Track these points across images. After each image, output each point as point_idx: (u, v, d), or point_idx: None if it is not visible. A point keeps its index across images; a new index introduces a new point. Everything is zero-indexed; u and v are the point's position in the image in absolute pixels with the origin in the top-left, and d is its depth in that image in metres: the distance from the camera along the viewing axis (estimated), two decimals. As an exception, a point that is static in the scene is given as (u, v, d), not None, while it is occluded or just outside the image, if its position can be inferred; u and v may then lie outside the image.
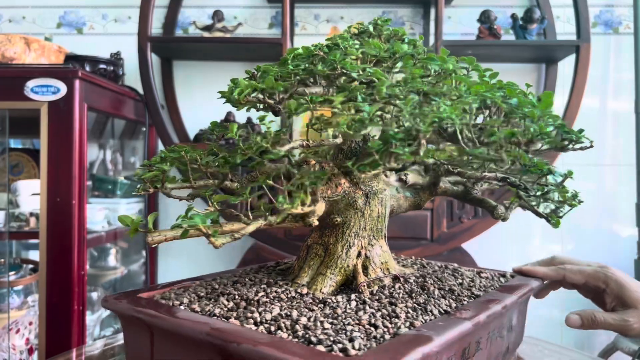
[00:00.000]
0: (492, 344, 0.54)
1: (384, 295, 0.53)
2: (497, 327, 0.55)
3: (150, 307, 0.50)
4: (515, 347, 0.64)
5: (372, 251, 0.58)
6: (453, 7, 1.87)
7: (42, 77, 1.29)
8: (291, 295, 0.53)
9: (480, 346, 0.50)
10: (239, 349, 0.38)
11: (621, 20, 1.88)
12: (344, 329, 0.43)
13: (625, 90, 1.86)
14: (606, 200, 1.86)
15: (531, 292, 0.64)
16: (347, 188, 0.57)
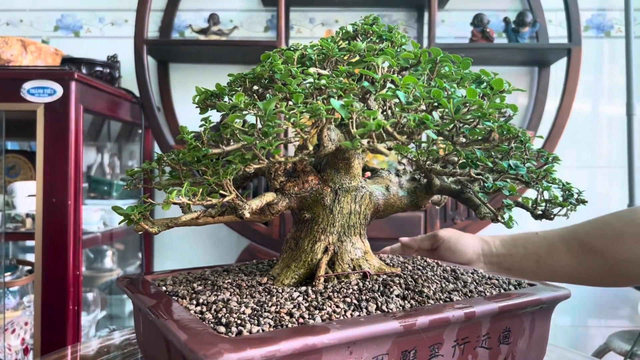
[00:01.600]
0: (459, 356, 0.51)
1: (336, 290, 0.53)
2: (464, 338, 0.51)
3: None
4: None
5: (342, 247, 0.58)
6: (446, 10, 1.89)
7: (38, 79, 1.30)
8: (250, 284, 0.55)
9: (416, 356, 0.48)
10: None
11: (613, 24, 1.90)
12: (260, 315, 0.45)
13: (617, 93, 1.88)
14: (599, 202, 1.88)
15: (539, 304, 0.55)
16: (314, 185, 0.58)
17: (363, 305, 0.49)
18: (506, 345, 0.55)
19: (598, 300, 1.89)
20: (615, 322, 1.89)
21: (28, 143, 1.91)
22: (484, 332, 0.53)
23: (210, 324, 0.44)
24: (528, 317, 0.56)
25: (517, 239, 0.85)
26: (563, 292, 0.58)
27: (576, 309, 1.89)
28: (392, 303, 0.50)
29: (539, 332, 0.58)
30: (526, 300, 0.55)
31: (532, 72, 1.89)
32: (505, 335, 0.55)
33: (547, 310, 0.58)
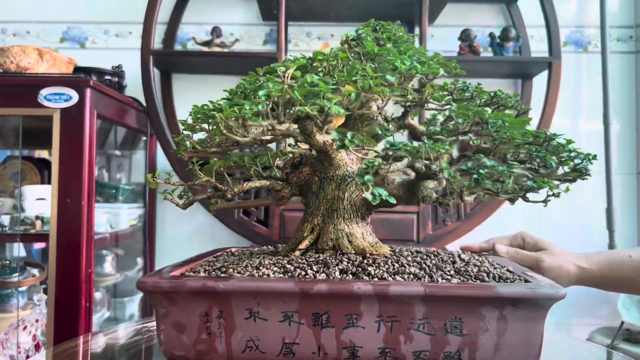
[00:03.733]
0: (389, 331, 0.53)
1: (304, 260, 0.62)
2: (390, 316, 0.53)
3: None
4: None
5: (324, 228, 0.66)
6: (435, 26, 2.01)
7: (55, 86, 1.37)
8: (263, 255, 0.68)
9: (329, 322, 0.53)
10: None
11: (590, 40, 2.04)
12: (247, 270, 0.59)
13: (594, 102, 2.01)
14: (579, 206, 1.99)
15: (494, 300, 0.51)
16: (307, 175, 0.68)
17: (307, 271, 0.57)
18: (458, 337, 0.52)
19: (580, 301, 1.99)
20: (596, 320, 1.99)
21: (33, 150, 1.97)
22: (419, 316, 0.52)
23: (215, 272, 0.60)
24: (492, 312, 0.51)
25: (612, 264, 0.84)
26: (543, 292, 0.51)
27: (560, 309, 1.99)
28: (333, 274, 0.56)
29: (518, 335, 0.51)
30: (468, 293, 0.52)
31: (516, 84, 2.01)
32: (454, 326, 0.52)
33: (529, 311, 0.51)
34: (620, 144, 2.01)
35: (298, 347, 0.54)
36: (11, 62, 1.39)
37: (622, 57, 2.03)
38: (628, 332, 1.75)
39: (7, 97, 1.39)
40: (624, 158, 2.01)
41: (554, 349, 0.93)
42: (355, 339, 0.53)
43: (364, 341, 0.53)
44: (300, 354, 0.54)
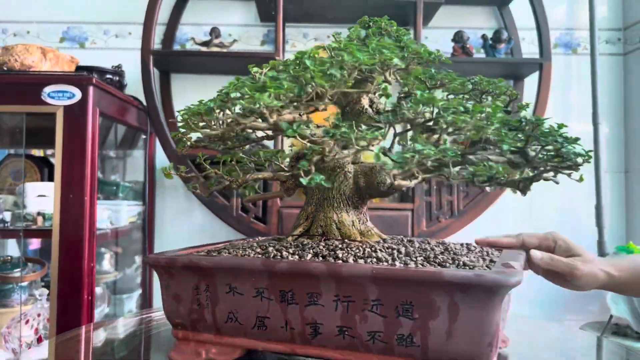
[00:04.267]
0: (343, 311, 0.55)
1: (292, 244, 0.67)
2: (346, 296, 0.55)
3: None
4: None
5: (316, 216, 0.71)
6: (429, 28, 2.06)
7: (58, 84, 1.40)
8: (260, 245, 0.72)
9: (294, 299, 0.57)
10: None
11: (579, 42, 2.10)
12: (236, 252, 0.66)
13: (584, 102, 2.06)
14: (569, 203, 2.04)
15: (443, 284, 0.51)
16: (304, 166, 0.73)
17: (283, 253, 0.62)
18: (410, 320, 0.53)
19: (571, 298, 2.04)
20: (587, 316, 2.04)
21: (29, 149, 1.99)
22: (372, 297, 0.54)
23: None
24: (443, 297, 0.51)
25: (637, 269, 0.83)
26: (489, 278, 0.49)
27: (552, 305, 2.03)
28: (305, 257, 0.60)
29: (470, 323, 0.50)
30: (413, 275, 0.52)
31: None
32: (406, 309, 0.52)
33: (480, 298, 0.50)
34: (609, 143, 2.07)
35: (269, 321, 0.59)
36: (15, 61, 1.42)
37: (611, 58, 2.09)
38: (617, 326, 1.80)
39: (12, 95, 1.42)
40: (612, 157, 2.07)
41: (546, 336, 0.98)
42: (316, 317, 0.56)
43: (324, 319, 0.56)
44: (271, 328, 0.59)
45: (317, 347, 0.57)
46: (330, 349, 0.57)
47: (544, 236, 0.81)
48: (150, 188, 1.92)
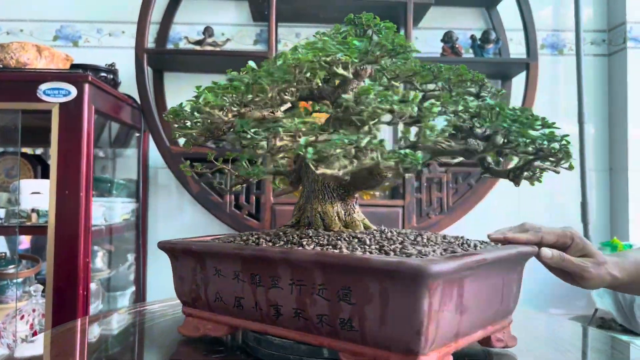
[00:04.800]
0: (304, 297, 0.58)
1: (280, 233, 0.71)
2: (299, 280, 0.58)
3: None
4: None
5: (306, 208, 0.75)
6: (419, 28, 2.10)
7: (54, 81, 1.42)
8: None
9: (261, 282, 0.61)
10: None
11: (565, 43, 2.15)
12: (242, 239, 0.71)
13: (570, 102, 2.12)
14: (555, 200, 2.09)
15: (372, 270, 0.52)
16: (300, 162, 0.76)
17: (261, 240, 0.67)
18: (349, 305, 0.54)
19: (557, 292, 2.08)
20: (573, 311, 2.09)
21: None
22: (318, 282, 0.56)
23: None
24: (375, 284, 0.52)
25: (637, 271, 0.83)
26: (407, 265, 0.49)
27: (540, 299, 2.08)
28: (278, 243, 0.65)
29: (399, 309, 0.50)
30: (347, 261, 0.53)
31: (496, 85, 2.11)
32: (345, 293, 0.54)
33: (406, 285, 0.50)
34: (594, 142, 2.12)
35: (244, 301, 0.65)
36: (11, 58, 1.43)
37: (596, 59, 2.14)
38: (602, 320, 1.85)
39: (7, 92, 1.43)
40: (597, 155, 2.12)
41: (533, 325, 1.01)
42: (277, 299, 0.61)
43: (284, 301, 0.60)
44: (246, 307, 0.65)
45: (281, 327, 0.62)
46: (292, 330, 0.60)
47: (562, 233, 0.78)
48: (144, 185, 1.93)
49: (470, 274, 0.55)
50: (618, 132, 2.07)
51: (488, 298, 0.61)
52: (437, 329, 0.51)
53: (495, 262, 0.60)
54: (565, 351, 0.77)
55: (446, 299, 0.52)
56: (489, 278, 0.60)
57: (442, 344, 0.53)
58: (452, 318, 0.54)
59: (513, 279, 0.67)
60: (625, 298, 1.68)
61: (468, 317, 0.56)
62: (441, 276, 0.49)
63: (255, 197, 1.82)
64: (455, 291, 0.53)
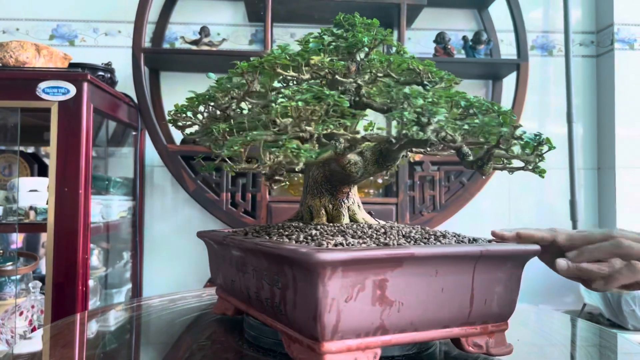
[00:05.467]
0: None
1: (279, 225, 0.73)
2: (254, 267, 0.64)
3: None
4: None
5: (302, 201, 0.79)
6: (412, 29, 2.13)
7: (53, 80, 1.44)
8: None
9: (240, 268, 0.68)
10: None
11: (555, 44, 2.19)
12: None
13: (559, 102, 2.16)
14: (545, 198, 2.14)
15: (282, 258, 0.55)
16: None
17: (253, 232, 0.72)
18: (278, 290, 0.57)
19: (547, 289, 2.13)
20: (562, 307, 2.13)
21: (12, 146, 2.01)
22: (264, 268, 0.60)
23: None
24: (290, 271, 0.55)
25: None
26: (299, 254, 0.51)
27: (528, 294, 2.12)
28: (263, 236, 0.68)
29: (304, 296, 0.53)
30: (272, 250, 0.56)
31: (487, 85, 2.15)
32: (275, 280, 0.57)
33: (305, 273, 0.52)
34: (583, 141, 2.17)
35: (236, 284, 0.71)
36: (10, 57, 1.45)
37: (584, 60, 2.19)
38: (590, 315, 1.89)
39: (7, 90, 1.45)
40: (586, 154, 2.17)
41: (523, 317, 1.05)
42: (248, 283, 0.67)
43: (250, 285, 0.66)
44: (237, 290, 0.71)
45: (253, 309, 0.68)
46: (257, 312, 0.66)
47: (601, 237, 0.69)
48: (140, 183, 1.95)
49: (393, 267, 0.54)
50: (606, 132, 2.12)
51: (441, 296, 0.58)
52: (340, 319, 0.52)
53: (440, 258, 0.57)
54: (554, 340, 0.80)
55: (351, 289, 0.52)
56: (437, 274, 0.57)
57: (355, 335, 0.54)
58: (365, 310, 0.54)
59: (493, 279, 0.61)
60: (612, 293, 1.73)
61: (402, 313, 0.56)
62: (330, 265, 0.50)
63: (252, 194, 1.84)
64: (368, 283, 0.53)
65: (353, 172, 0.71)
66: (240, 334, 0.75)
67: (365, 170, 0.72)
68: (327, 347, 0.52)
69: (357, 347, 0.54)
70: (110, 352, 0.74)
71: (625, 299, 1.70)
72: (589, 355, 0.75)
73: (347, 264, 0.52)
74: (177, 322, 0.87)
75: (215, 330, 0.79)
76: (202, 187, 1.84)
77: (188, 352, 0.70)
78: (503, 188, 2.11)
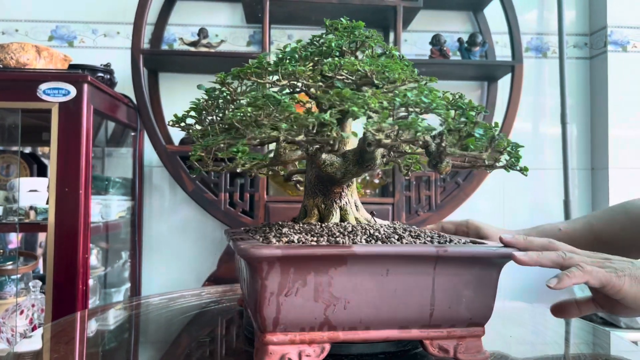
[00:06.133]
0: None
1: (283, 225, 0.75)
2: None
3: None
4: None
5: (303, 201, 0.80)
6: (409, 31, 2.16)
7: (54, 81, 1.45)
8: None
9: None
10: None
11: (549, 46, 2.22)
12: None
13: (553, 103, 2.19)
14: (539, 198, 2.16)
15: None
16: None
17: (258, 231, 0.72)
18: (244, 285, 0.70)
19: (540, 287, 2.15)
20: (556, 305, 2.16)
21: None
22: (242, 265, 0.69)
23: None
24: (244, 267, 0.63)
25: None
26: (239, 249, 0.56)
27: (522, 293, 2.15)
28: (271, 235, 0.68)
29: (251, 291, 0.58)
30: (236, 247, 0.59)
31: (482, 86, 2.17)
32: (244, 275, 0.67)
33: (249, 267, 0.57)
34: (576, 142, 2.20)
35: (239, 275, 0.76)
36: (11, 58, 1.46)
37: (578, 62, 2.22)
38: (583, 313, 1.92)
39: (8, 91, 1.46)
40: (580, 155, 2.20)
41: (517, 314, 1.07)
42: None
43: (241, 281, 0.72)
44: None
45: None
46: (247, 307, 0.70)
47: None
48: (139, 184, 1.97)
49: (337, 265, 0.56)
50: (599, 132, 2.15)
51: (394, 297, 0.58)
52: (280, 312, 0.55)
53: (390, 258, 0.57)
54: (547, 338, 0.82)
55: (292, 285, 0.55)
56: (389, 274, 0.57)
57: (299, 329, 0.56)
58: (307, 305, 0.56)
59: (458, 282, 0.59)
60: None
61: (349, 311, 0.57)
62: (266, 260, 0.54)
63: (250, 194, 1.86)
64: (310, 279, 0.55)
65: (330, 172, 0.72)
66: (239, 332, 0.77)
67: (347, 171, 0.73)
68: (269, 338, 0.56)
69: (301, 341, 0.56)
70: (110, 350, 0.76)
71: (617, 297, 1.73)
72: (582, 353, 0.77)
73: (284, 260, 0.54)
74: (177, 320, 0.89)
75: (214, 328, 0.81)
76: (200, 187, 1.86)
77: (187, 350, 0.72)
78: (498, 188, 2.14)
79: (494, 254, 0.61)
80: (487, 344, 0.70)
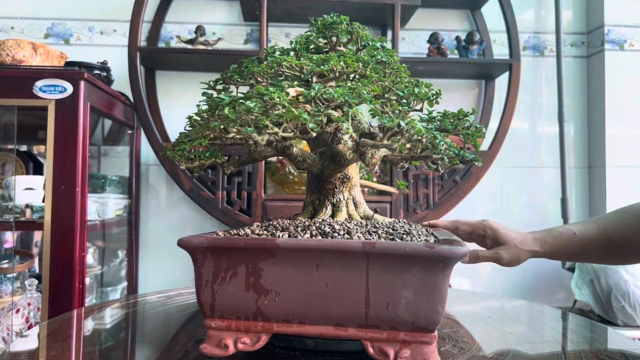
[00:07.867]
0: None
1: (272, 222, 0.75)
2: None
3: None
4: None
5: (306, 197, 0.81)
6: (406, 30, 2.15)
7: (50, 78, 1.44)
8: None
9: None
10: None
11: (546, 45, 2.22)
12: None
13: (550, 102, 2.19)
14: (537, 196, 2.17)
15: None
16: None
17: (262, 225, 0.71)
18: None
19: (537, 285, 2.16)
20: (553, 302, 2.16)
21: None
22: None
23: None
24: None
25: (562, 243, 0.93)
26: (182, 240, 0.63)
27: (520, 291, 2.15)
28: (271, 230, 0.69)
29: (196, 279, 0.64)
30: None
31: (480, 84, 2.17)
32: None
33: (193, 258, 0.64)
34: (574, 140, 2.20)
35: None
36: (7, 55, 1.45)
37: (575, 61, 2.22)
38: (580, 311, 1.92)
39: (4, 89, 1.45)
40: (577, 154, 2.20)
41: (515, 311, 1.07)
42: None
43: None
44: None
45: None
46: None
47: (476, 223, 0.94)
48: (136, 182, 1.96)
49: (266, 257, 0.58)
50: (596, 131, 2.15)
51: (325, 292, 0.57)
52: (215, 299, 0.61)
53: (318, 251, 0.57)
54: (545, 334, 0.82)
55: (224, 274, 0.60)
56: (319, 268, 0.57)
57: (235, 317, 0.60)
58: (239, 295, 0.60)
59: (394, 281, 0.56)
60: (602, 290, 1.76)
61: (280, 304, 0.58)
62: (198, 250, 0.61)
63: (247, 193, 1.86)
64: (241, 270, 0.60)
65: (304, 169, 0.75)
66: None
67: (325, 167, 0.75)
68: (208, 322, 0.62)
69: (237, 328, 0.60)
70: (107, 348, 0.76)
71: (615, 295, 1.73)
72: (581, 350, 0.77)
73: (214, 251, 0.60)
74: (174, 318, 0.88)
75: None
76: (197, 185, 1.86)
77: (185, 348, 0.72)
78: (495, 187, 2.14)
79: (426, 252, 0.55)
80: (488, 341, 0.70)
